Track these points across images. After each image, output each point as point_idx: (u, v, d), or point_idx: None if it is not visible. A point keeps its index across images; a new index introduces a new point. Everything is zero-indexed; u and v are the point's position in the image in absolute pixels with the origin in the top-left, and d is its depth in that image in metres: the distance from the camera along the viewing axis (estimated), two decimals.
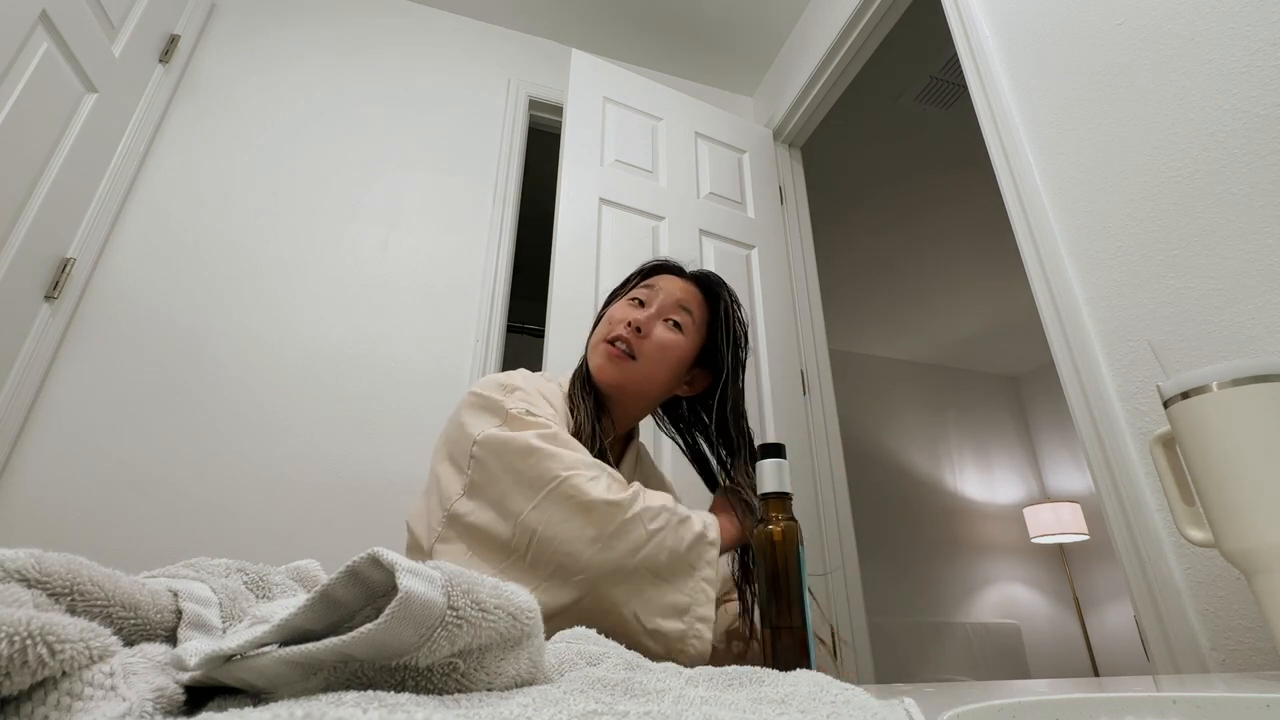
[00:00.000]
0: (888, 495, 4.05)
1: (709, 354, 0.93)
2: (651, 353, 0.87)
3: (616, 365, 0.86)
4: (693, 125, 2.08)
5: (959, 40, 1.44)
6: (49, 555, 0.27)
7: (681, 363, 0.90)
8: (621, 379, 0.87)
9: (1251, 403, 0.59)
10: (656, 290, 0.91)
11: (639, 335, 0.87)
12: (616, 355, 0.86)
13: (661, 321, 0.89)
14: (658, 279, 0.94)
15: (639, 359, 0.86)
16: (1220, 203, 0.92)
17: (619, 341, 0.87)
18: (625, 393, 0.88)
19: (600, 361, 0.88)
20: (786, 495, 0.64)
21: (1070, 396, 1.10)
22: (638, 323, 0.87)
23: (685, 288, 0.93)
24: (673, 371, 0.89)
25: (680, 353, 0.89)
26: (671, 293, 0.91)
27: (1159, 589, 0.93)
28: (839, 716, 0.27)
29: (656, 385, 0.89)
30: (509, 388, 0.81)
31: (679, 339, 0.89)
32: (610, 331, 0.88)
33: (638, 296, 0.91)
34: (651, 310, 0.89)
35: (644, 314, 0.88)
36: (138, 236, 1.58)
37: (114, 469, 1.36)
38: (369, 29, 2.08)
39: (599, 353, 0.88)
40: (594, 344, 0.91)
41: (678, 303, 0.90)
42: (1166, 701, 0.35)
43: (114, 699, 0.22)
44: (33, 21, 1.31)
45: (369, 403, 1.59)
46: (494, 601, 0.27)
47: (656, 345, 0.87)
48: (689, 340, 0.90)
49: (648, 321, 0.88)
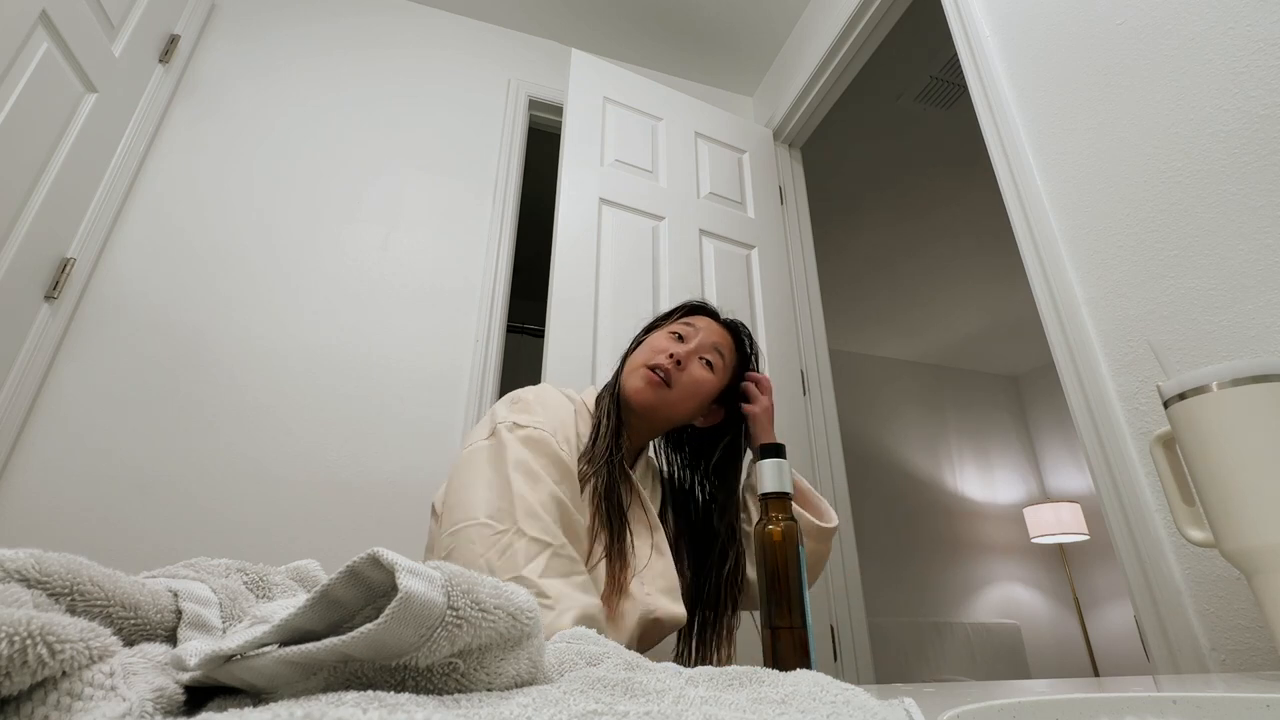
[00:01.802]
0: (888, 495, 4.05)
1: (727, 393, 1.01)
2: (686, 384, 0.95)
3: (654, 390, 0.93)
4: (693, 125, 2.08)
5: (959, 40, 1.44)
6: (49, 555, 0.27)
7: (708, 398, 0.98)
8: (655, 403, 0.94)
9: (1251, 403, 0.59)
10: (696, 329, 0.99)
11: (678, 367, 0.94)
12: (656, 382, 0.93)
13: (698, 359, 0.96)
14: (697, 319, 1.02)
15: (674, 388, 0.94)
16: (1220, 203, 0.92)
17: (659, 370, 0.94)
18: (653, 415, 0.95)
19: (639, 385, 0.94)
20: (787, 495, 0.64)
21: (1070, 396, 1.10)
22: (679, 355, 0.95)
23: (720, 332, 1.02)
24: (699, 405, 0.97)
25: (709, 389, 0.97)
26: (709, 334, 0.99)
27: (1159, 589, 0.93)
28: (839, 716, 0.27)
29: (681, 413, 0.97)
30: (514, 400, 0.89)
31: (710, 377, 0.97)
32: (652, 358, 0.95)
33: (678, 331, 0.99)
34: (691, 346, 0.97)
35: (684, 349, 0.96)
36: (138, 236, 1.58)
37: (114, 469, 1.36)
38: (369, 29, 2.08)
39: (639, 375, 0.95)
40: (634, 366, 0.97)
41: (714, 345, 0.98)
42: (1166, 701, 0.35)
43: (114, 699, 0.22)
44: (33, 21, 1.31)
45: (369, 402, 1.59)
46: (494, 601, 0.27)
47: (691, 379, 0.95)
48: (718, 379, 0.98)
49: (688, 357, 0.95)
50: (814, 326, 2.03)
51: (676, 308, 1.08)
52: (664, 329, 1.02)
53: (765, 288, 1.94)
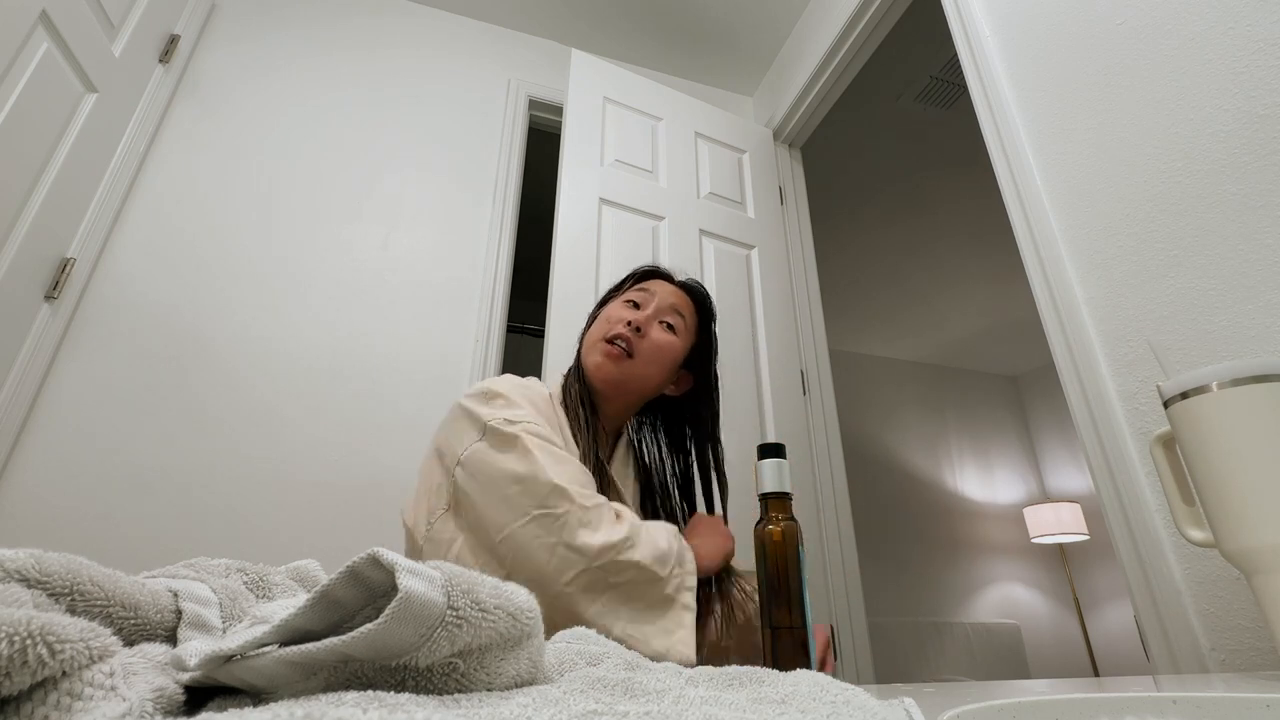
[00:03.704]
0: (888, 495, 4.05)
1: (694, 357, 0.97)
2: (648, 352, 0.90)
3: (615, 363, 0.89)
4: (693, 125, 2.08)
5: (959, 40, 1.44)
6: (49, 555, 0.27)
7: (674, 363, 0.94)
8: (620, 376, 0.90)
9: (1251, 403, 0.59)
10: (651, 293, 0.95)
11: (638, 335, 0.90)
12: (616, 354, 0.89)
13: (658, 323, 0.92)
14: (651, 283, 0.98)
15: (636, 357, 0.90)
16: (1220, 203, 0.92)
17: (619, 340, 0.89)
18: (621, 390, 0.91)
19: (599, 359, 0.90)
20: (786, 495, 0.64)
21: (1070, 396, 1.10)
22: (637, 322, 0.90)
23: (677, 293, 0.97)
24: (666, 371, 0.93)
25: (674, 353, 0.93)
26: (666, 296, 0.95)
27: (1159, 589, 0.93)
28: (839, 716, 0.27)
29: (650, 383, 0.92)
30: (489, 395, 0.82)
31: (674, 339, 0.93)
32: (609, 330, 0.91)
33: (633, 299, 0.95)
34: (649, 311, 0.92)
35: (642, 315, 0.92)
36: (138, 236, 1.58)
37: (114, 468, 1.37)
38: (369, 29, 2.08)
39: (598, 350, 0.91)
40: (591, 342, 0.93)
41: (672, 306, 0.94)
42: (1166, 701, 0.35)
43: (114, 699, 0.22)
44: (33, 21, 1.31)
45: (369, 402, 1.60)
46: (494, 601, 0.27)
47: (653, 345, 0.91)
48: (681, 342, 0.94)
49: (646, 322, 0.91)
50: (814, 326, 2.03)
51: (628, 275, 1.03)
52: (618, 299, 0.97)
53: (765, 288, 1.94)
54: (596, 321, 0.97)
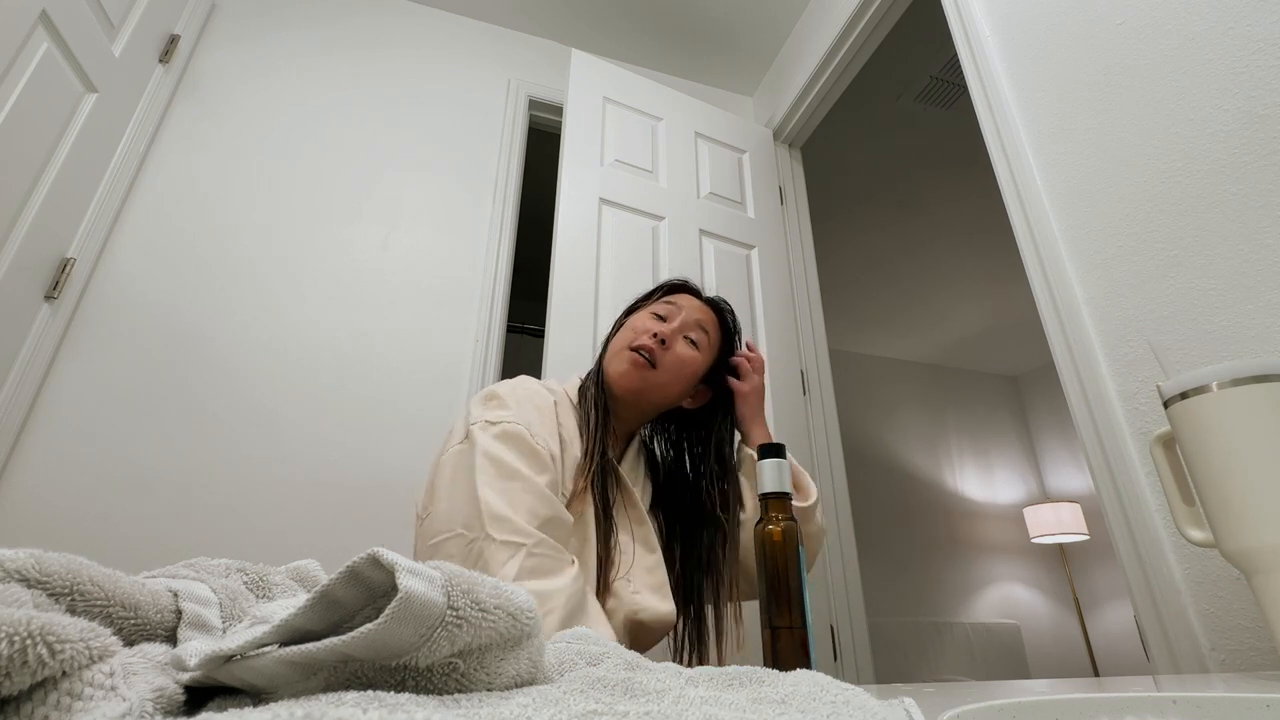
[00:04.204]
0: (888, 495, 4.05)
1: (713, 373, 0.99)
2: (671, 364, 0.92)
3: (639, 372, 0.91)
4: (693, 125, 2.08)
5: (959, 40, 1.44)
6: (49, 555, 0.27)
7: (695, 377, 0.95)
8: (641, 386, 0.91)
9: (1251, 403, 0.59)
10: (679, 307, 0.97)
11: (662, 347, 0.92)
12: (640, 363, 0.91)
13: (682, 337, 0.94)
14: (679, 297, 1.00)
15: (659, 369, 0.91)
16: (1220, 203, 0.92)
17: (643, 350, 0.91)
18: (639, 398, 0.93)
19: (624, 367, 0.91)
20: (786, 495, 0.64)
21: (1070, 396, 1.10)
22: (663, 334, 0.92)
23: (704, 309, 0.99)
24: (686, 384, 0.95)
25: (695, 368, 0.94)
26: (692, 312, 0.97)
27: (1159, 589, 0.93)
28: (839, 716, 0.27)
29: (669, 395, 0.94)
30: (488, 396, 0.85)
31: (696, 355, 0.94)
32: (634, 340, 0.92)
33: (659, 312, 0.96)
34: (674, 325, 0.94)
35: (668, 328, 0.93)
36: (138, 236, 1.58)
37: (114, 468, 1.36)
38: (369, 29, 2.08)
39: (623, 358, 0.92)
40: (616, 349, 0.95)
41: (697, 322, 0.96)
42: (1166, 701, 0.35)
43: (114, 699, 0.22)
44: (33, 21, 1.31)
45: (369, 402, 1.60)
46: (494, 601, 0.27)
47: (676, 359, 0.92)
48: (704, 358, 0.96)
49: (672, 335, 0.93)
50: (814, 326, 2.03)
51: (657, 287, 1.05)
52: (645, 310, 0.99)
53: (765, 288, 1.94)
54: (622, 330, 0.99)
